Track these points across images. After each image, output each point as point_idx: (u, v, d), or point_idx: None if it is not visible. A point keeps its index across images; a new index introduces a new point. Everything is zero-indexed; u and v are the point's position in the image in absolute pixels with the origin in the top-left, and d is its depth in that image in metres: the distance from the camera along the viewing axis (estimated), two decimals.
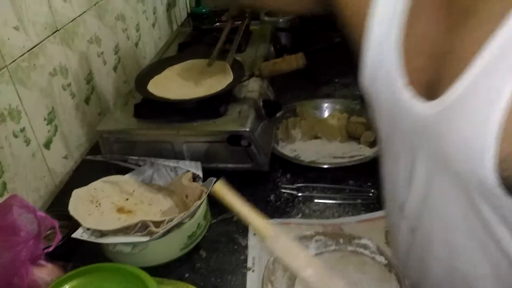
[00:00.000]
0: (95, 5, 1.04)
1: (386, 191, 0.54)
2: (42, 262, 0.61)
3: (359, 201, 0.81)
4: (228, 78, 0.92)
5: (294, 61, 0.92)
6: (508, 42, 0.32)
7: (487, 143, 0.33)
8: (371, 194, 0.82)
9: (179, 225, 0.68)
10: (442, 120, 0.37)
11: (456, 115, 0.36)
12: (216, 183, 0.58)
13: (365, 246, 0.67)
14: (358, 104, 1.07)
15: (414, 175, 0.44)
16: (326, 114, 1.08)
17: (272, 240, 0.54)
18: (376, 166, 0.88)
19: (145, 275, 0.58)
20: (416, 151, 0.42)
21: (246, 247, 0.73)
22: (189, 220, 0.69)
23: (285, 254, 0.54)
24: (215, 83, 0.91)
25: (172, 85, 0.92)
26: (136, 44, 1.28)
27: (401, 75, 0.42)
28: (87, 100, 1.01)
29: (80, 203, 0.69)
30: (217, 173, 0.75)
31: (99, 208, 0.70)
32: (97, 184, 0.74)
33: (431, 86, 0.39)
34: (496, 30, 0.33)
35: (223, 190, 0.57)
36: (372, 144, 0.98)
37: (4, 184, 0.74)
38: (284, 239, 0.54)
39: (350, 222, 0.75)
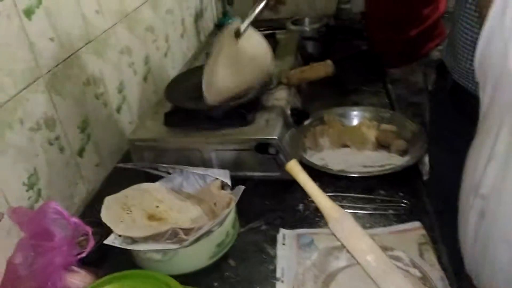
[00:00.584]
0: (126, 16, 1.07)
1: (466, 173, 0.55)
2: (75, 268, 0.62)
3: (390, 211, 0.79)
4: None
5: (322, 69, 0.92)
6: None
7: None
8: (403, 205, 0.79)
9: (208, 233, 0.68)
10: None
11: None
12: (290, 161, 0.62)
13: (398, 258, 0.65)
14: (388, 112, 1.05)
15: (494, 150, 0.45)
16: (355, 122, 1.07)
17: (338, 222, 0.55)
18: (408, 176, 0.86)
19: (175, 283, 0.58)
20: (503, 125, 0.44)
21: (275, 257, 0.72)
22: (218, 228, 0.69)
23: (349, 237, 0.55)
24: None
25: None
26: (165, 55, 1.31)
27: None
28: (118, 109, 1.03)
29: (111, 210, 0.70)
30: (246, 182, 0.75)
31: (130, 215, 0.71)
32: (128, 191, 0.75)
33: None
34: None
35: (296, 168, 0.61)
36: (403, 153, 0.96)
37: (39, 191, 0.76)
38: (349, 222, 0.55)
39: (381, 233, 0.73)
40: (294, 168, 0.59)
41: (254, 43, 0.91)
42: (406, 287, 0.57)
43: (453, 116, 1.05)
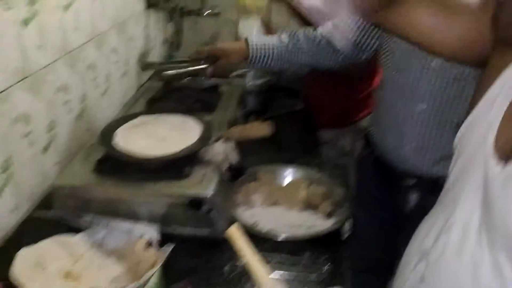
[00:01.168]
0: (68, 53, 1.04)
1: (416, 237, 0.59)
2: None
3: (314, 276, 0.81)
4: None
5: (262, 129, 0.96)
6: None
7: None
8: (325, 269, 0.83)
9: None
10: (506, 183, 0.44)
11: None
12: (231, 227, 0.62)
13: None
14: (318, 173, 1.11)
15: (449, 222, 0.49)
16: (287, 180, 1.11)
17: None
18: (331, 239, 0.91)
19: None
20: (476, 204, 0.48)
21: None
22: None
23: None
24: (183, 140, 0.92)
25: (138, 137, 0.92)
26: (104, 93, 1.28)
27: (492, 142, 0.48)
28: (46, 149, 0.98)
29: (25, 265, 0.65)
30: (174, 237, 0.74)
31: (45, 272, 0.66)
32: (45, 244, 0.70)
33: (508, 152, 0.46)
34: None
35: (236, 234, 0.61)
36: (330, 214, 1.01)
37: None
38: None
39: None
40: (235, 234, 0.60)
41: None
42: None
43: (377, 182, 1.14)
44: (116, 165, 0.86)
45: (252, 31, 1.34)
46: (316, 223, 0.98)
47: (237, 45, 1.19)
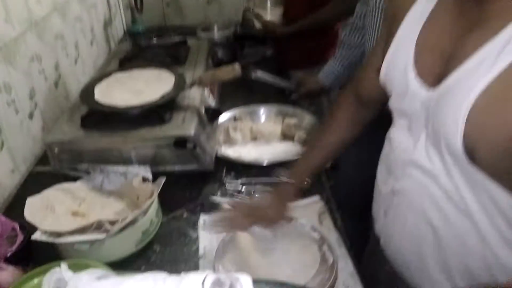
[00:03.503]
0: (35, 24, 1.07)
1: (383, 155, 0.66)
2: (3, 265, 0.63)
3: None
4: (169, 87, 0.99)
5: (231, 71, 1.02)
6: (487, 55, 0.45)
7: (459, 122, 0.47)
8: (305, 183, 0.92)
9: (133, 222, 0.73)
10: (439, 101, 0.50)
11: (447, 98, 0.49)
12: None
13: (301, 226, 0.77)
14: (290, 108, 1.19)
15: (416, 143, 0.56)
16: (263, 118, 1.19)
17: None
18: None
19: (104, 268, 0.63)
20: (420, 126, 0.55)
21: (197, 239, 0.80)
22: (142, 217, 0.75)
23: None
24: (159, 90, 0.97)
25: (116, 92, 0.97)
26: (75, 62, 1.31)
27: (413, 68, 0.55)
28: (31, 116, 1.03)
29: (34, 209, 0.72)
30: (166, 175, 0.82)
31: (54, 213, 0.73)
32: (50, 192, 0.77)
33: (437, 78, 0.52)
34: (486, 44, 0.45)
35: None
36: (305, 142, 1.10)
37: None
38: None
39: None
40: None
41: None
42: None
43: None
44: (101, 119, 0.92)
45: None
46: (293, 150, 1.07)
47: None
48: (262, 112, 1.20)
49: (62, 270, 0.34)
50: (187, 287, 0.32)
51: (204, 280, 0.33)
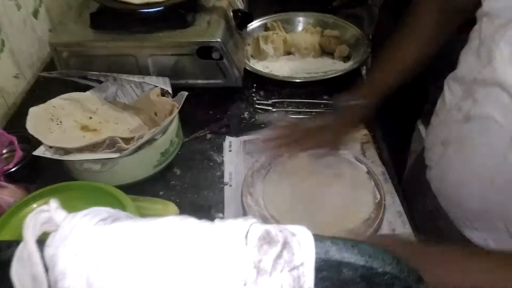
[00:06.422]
0: None
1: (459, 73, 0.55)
2: (2, 183, 0.56)
3: None
4: None
5: None
6: None
7: None
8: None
9: (151, 141, 0.64)
10: None
11: None
12: None
13: (343, 156, 0.67)
14: (331, 18, 1.02)
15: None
16: (299, 28, 1.03)
17: None
18: (351, 80, 0.86)
19: (118, 192, 0.55)
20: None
21: (222, 163, 0.71)
22: (161, 136, 0.65)
23: None
24: None
25: None
26: None
27: None
28: (35, 14, 0.89)
29: (38, 121, 0.62)
30: (187, 90, 0.70)
31: (61, 126, 0.64)
32: (56, 101, 0.67)
33: None
34: None
35: None
36: (346, 58, 0.95)
37: None
38: None
39: None
40: None
41: None
42: None
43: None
44: (113, 18, 0.78)
45: None
46: (332, 68, 0.93)
47: None
48: (298, 21, 1.03)
49: (51, 208, 0.24)
50: (225, 240, 0.23)
51: (247, 233, 0.23)
